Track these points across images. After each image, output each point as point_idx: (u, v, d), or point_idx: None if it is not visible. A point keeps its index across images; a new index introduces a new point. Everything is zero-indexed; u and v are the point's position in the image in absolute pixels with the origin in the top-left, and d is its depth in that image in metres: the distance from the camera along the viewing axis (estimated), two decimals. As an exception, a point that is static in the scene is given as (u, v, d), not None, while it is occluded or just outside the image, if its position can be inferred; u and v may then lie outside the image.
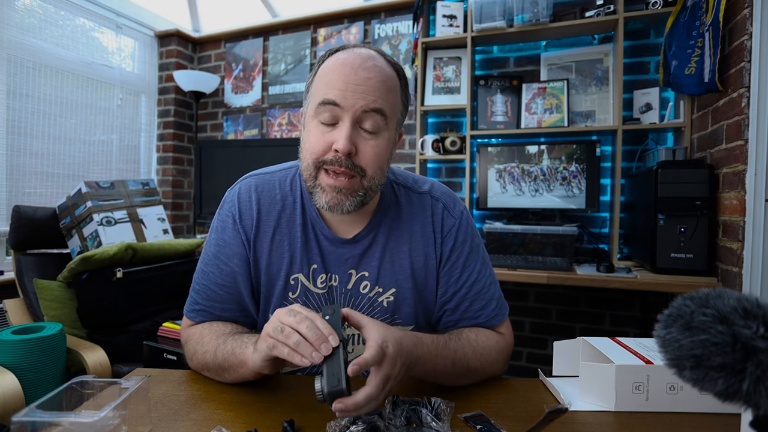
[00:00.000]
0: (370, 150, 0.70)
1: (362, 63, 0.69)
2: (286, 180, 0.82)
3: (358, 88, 0.68)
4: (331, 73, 0.70)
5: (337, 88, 0.68)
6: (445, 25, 2.16)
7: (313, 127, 0.71)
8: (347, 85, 0.68)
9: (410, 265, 0.79)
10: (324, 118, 0.69)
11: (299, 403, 0.66)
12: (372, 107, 0.68)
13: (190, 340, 0.78)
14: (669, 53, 1.70)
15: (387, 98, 0.70)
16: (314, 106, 0.70)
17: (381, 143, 0.71)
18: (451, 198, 0.85)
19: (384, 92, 0.70)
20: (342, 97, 0.68)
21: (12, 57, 2.15)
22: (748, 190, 1.36)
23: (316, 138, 0.70)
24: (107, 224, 1.92)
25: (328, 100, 0.68)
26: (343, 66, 0.69)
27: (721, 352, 0.33)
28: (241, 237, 0.78)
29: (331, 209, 0.72)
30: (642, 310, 2.06)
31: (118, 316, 1.76)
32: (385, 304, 0.79)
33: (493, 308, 0.80)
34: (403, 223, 0.81)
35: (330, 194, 0.71)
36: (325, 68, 0.72)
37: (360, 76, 0.68)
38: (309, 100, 0.74)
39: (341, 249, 0.79)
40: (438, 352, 0.67)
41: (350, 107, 0.68)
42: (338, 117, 0.69)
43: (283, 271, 0.78)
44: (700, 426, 0.60)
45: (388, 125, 0.72)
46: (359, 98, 0.68)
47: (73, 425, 0.47)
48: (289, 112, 2.81)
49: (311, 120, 0.72)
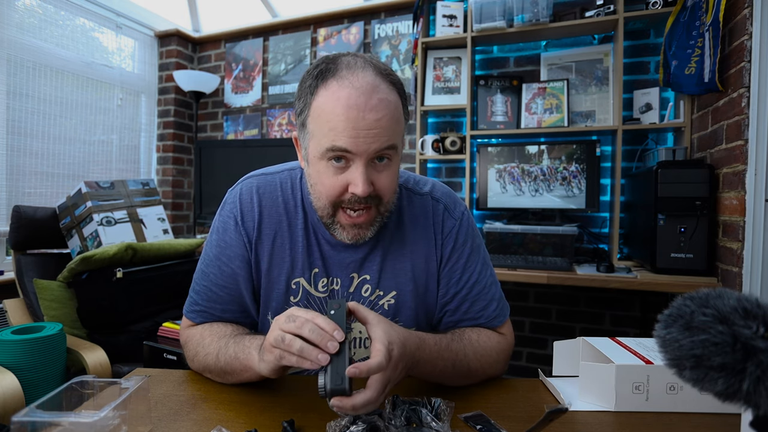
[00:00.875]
0: (384, 180, 0.69)
1: (367, 102, 0.64)
2: (288, 183, 0.81)
3: (369, 133, 0.64)
4: (335, 118, 0.64)
5: (346, 135, 0.64)
6: (445, 25, 2.16)
7: (322, 168, 0.68)
8: (357, 131, 0.64)
9: (411, 268, 0.79)
10: (334, 161, 0.67)
11: (299, 403, 0.66)
12: (385, 147, 0.66)
13: (190, 342, 0.78)
14: (669, 53, 1.70)
15: (396, 129, 0.68)
16: (321, 149, 0.66)
17: (393, 170, 0.71)
18: (452, 199, 0.85)
19: (393, 126, 0.67)
20: (353, 144, 0.64)
21: (12, 57, 2.15)
22: (748, 190, 1.36)
23: (330, 181, 0.68)
24: (107, 224, 1.92)
25: (338, 148, 0.65)
26: (348, 110, 0.63)
27: (721, 352, 0.33)
28: (242, 239, 0.78)
29: (353, 243, 0.74)
30: (642, 310, 2.06)
31: (118, 316, 1.76)
32: (386, 307, 0.79)
33: (494, 309, 0.80)
34: (405, 225, 0.81)
35: (350, 231, 0.72)
36: (325, 107, 0.65)
37: (369, 120, 0.64)
38: (308, 136, 0.69)
39: (343, 253, 0.79)
40: (439, 354, 0.67)
41: (363, 152, 0.65)
42: (350, 159, 0.66)
43: (284, 275, 0.78)
44: (700, 426, 0.60)
45: (398, 150, 0.71)
46: (372, 143, 0.65)
47: (73, 425, 0.47)
48: (289, 112, 2.81)
49: (318, 160, 0.68)
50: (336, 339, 0.55)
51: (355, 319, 0.63)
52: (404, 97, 0.72)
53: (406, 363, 0.60)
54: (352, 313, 0.61)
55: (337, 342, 0.55)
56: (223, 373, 0.71)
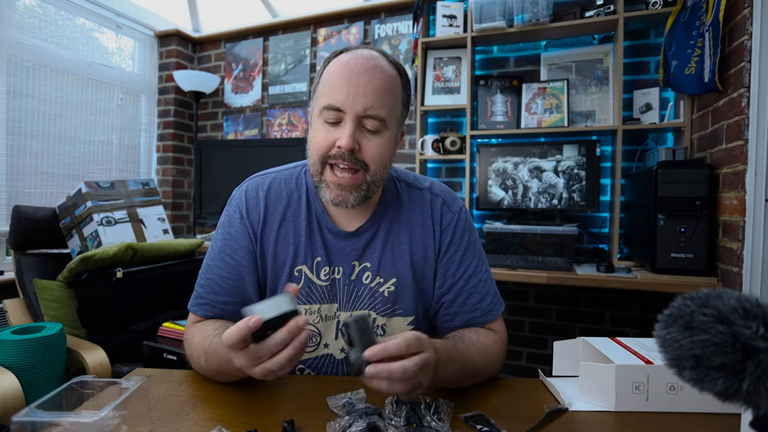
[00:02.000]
0: (372, 146, 0.73)
1: (363, 65, 0.71)
2: (292, 177, 0.85)
3: (359, 92, 0.70)
4: (334, 77, 0.72)
5: (339, 92, 0.71)
6: (445, 25, 2.16)
7: (318, 125, 0.74)
8: (349, 89, 0.70)
9: (410, 256, 0.81)
10: (328, 118, 0.73)
11: (299, 403, 0.66)
12: (370, 113, 0.71)
13: (186, 343, 0.79)
14: (669, 53, 1.70)
15: (386, 101, 0.73)
16: (319, 107, 0.74)
17: (382, 141, 0.74)
18: (451, 195, 0.88)
19: (384, 95, 0.72)
20: (344, 102, 0.71)
21: (12, 57, 2.15)
22: (748, 190, 1.36)
23: (321, 135, 0.74)
24: (107, 224, 1.92)
25: (331, 105, 0.71)
26: (345, 69, 0.72)
27: (721, 352, 0.33)
28: (247, 231, 0.80)
29: (336, 205, 0.75)
30: (642, 310, 2.06)
31: (118, 316, 1.76)
32: (386, 294, 0.81)
33: (489, 303, 0.82)
34: (404, 215, 0.83)
35: (335, 191, 0.74)
36: (329, 71, 0.74)
37: (361, 80, 0.71)
38: (315, 100, 0.77)
39: (345, 241, 0.81)
40: (449, 357, 0.67)
41: (351, 110, 0.71)
42: (341, 118, 0.72)
43: (288, 263, 0.80)
44: (700, 426, 0.60)
45: (389, 126, 0.75)
46: (360, 102, 0.71)
47: (73, 425, 0.47)
48: (289, 112, 2.81)
49: (317, 119, 0.75)
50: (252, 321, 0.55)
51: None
52: (406, 81, 0.79)
53: (435, 358, 0.60)
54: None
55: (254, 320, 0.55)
56: (218, 374, 0.72)
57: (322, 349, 0.81)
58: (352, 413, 0.58)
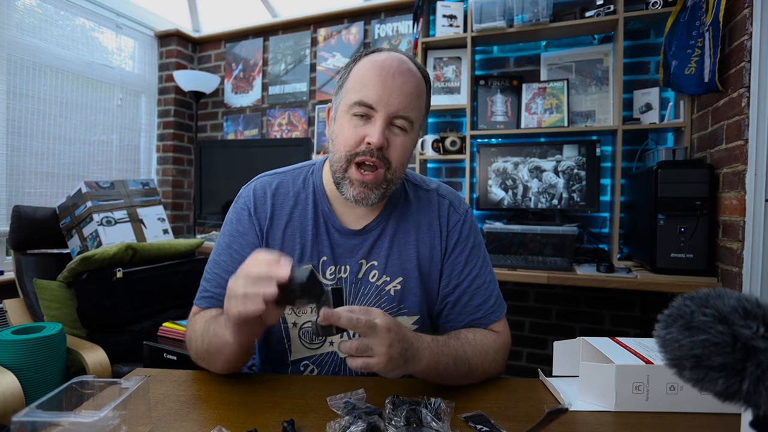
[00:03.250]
0: (397, 145, 0.75)
1: (399, 67, 0.73)
2: (299, 177, 0.86)
3: (393, 92, 0.72)
4: (368, 73, 0.73)
5: (373, 91, 0.72)
6: (445, 25, 2.16)
7: (346, 121, 0.75)
8: (384, 88, 0.72)
9: (416, 255, 0.82)
10: (358, 112, 0.73)
11: (299, 403, 0.66)
12: (402, 114, 0.73)
13: (189, 329, 0.80)
14: (669, 53, 1.70)
15: (416, 104, 0.75)
16: (349, 102, 0.74)
17: (408, 141, 0.76)
18: (457, 197, 0.89)
19: (415, 98, 0.74)
20: (377, 100, 0.72)
21: (12, 57, 2.15)
22: (748, 190, 1.36)
23: (350, 131, 0.74)
24: (107, 224, 1.92)
25: (364, 102, 0.72)
26: (381, 69, 0.73)
27: (721, 352, 0.33)
28: (255, 228, 0.81)
29: (357, 202, 0.76)
30: (642, 310, 2.06)
31: (118, 316, 1.76)
32: (392, 293, 0.81)
33: (492, 304, 0.82)
34: (411, 215, 0.84)
35: (357, 188, 0.75)
36: (361, 67, 0.75)
37: (396, 81, 0.72)
38: (342, 95, 0.77)
39: (352, 240, 0.81)
40: (438, 349, 0.68)
41: (384, 109, 0.72)
42: (371, 114, 0.73)
43: (293, 262, 0.79)
44: (700, 426, 0.60)
45: (414, 127, 0.77)
46: (393, 102, 0.72)
47: (73, 425, 0.47)
48: (289, 112, 2.81)
49: (344, 114, 0.76)
50: (283, 263, 0.57)
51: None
52: (429, 87, 0.80)
53: (398, 332, 0.61)
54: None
55: (287, 263, 0.57)
56: (208, 354, 0.72)
57: (327, 346, 0.81)
58: (352, 413, 0.58)
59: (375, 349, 0.59)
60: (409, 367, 0.64)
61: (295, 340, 0.82)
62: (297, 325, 0.81)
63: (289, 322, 0.81)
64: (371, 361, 0.59)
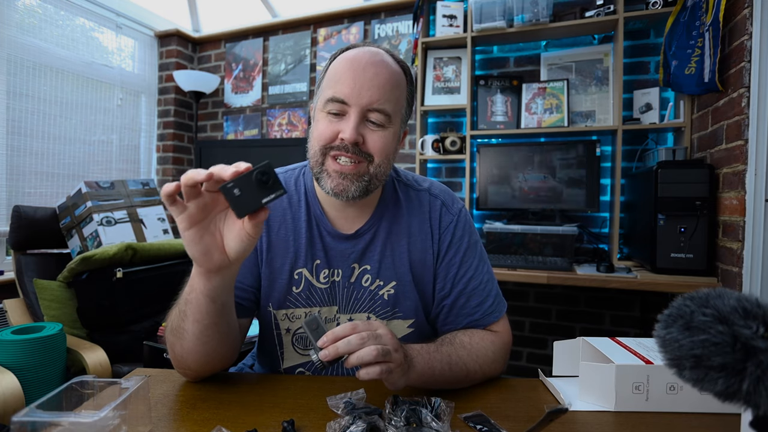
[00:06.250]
0: (376, 140, 0.73)
1: (370, 59, 0.72)
2: (292, 179, 0.85)
3: (365, 84, 0.70)
4: (340, 68, 0.72)
5: (345, 85, 0.71)
6: (445, 25, 2.16)
7: (321, 117, 0.74)
8: (355, 81, 0.70)
9: (409, 259, 0.81)
10: (332, 109, 0.72)
11: (299, 403, 0.66)
12: (376, 107, 0.71)
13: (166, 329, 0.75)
14: (669, 53, 1.70)
15: (392, 96, 0.73)
16: (323, 100, 0.73)
17: (388, 135, 0.74)
18: (450, 196, 0.86)
19: (389, 89, 0.72)
20: (349, 95, 0.70)
21: (12, 57, 2.15)
22: (748, 190, 1.36)
23: (324, 127, 0.73)
24: (107, 224, 1.92)
25: (336, 98, 0.71)
26: (351, 63, 0.72)
27: (721, 352, 0.33)
28: None
29: (336, 195, 0.73)
30: (642, 310, 2.06)
31: (118, 316, 1.76)
32: (385, 297, 0.80)
33: (489, 305, 0.81)
34: (403, 218, 0.82)
35: (336, 180, 0.72)
36: (334, 65, 0.74)
37: (368, 73, 0.71)
38: (319, 94, 0.76)
39: (344, 244, 0.80)
40: (430, 356, 0.68)
41: (356, 103, 0.70)
42: (345, 110, 0.72)
43: (287, 265, 0.79)
44: (700, 426, 0.60)
45: (393, 121, 0.74)
46: (365, 95, 0.70)
47: (73, 425, 0.47)
48: (289, 112, 2.81)
49: (320, 112, 0.74)
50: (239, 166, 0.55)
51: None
52: (410, 79, 0.78)
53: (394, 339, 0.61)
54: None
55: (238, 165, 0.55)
56: (178, 330, 0.66)
57: None
58: (352, 413, 0.58)
59: (391, 354, 0.58)
60: (409, 374, 0.63)
61: (288, 347, 0.81)
62: (291, 331, 0.81)
63: (282, 328, 0.81)
64: (391, 365, 0.58)
